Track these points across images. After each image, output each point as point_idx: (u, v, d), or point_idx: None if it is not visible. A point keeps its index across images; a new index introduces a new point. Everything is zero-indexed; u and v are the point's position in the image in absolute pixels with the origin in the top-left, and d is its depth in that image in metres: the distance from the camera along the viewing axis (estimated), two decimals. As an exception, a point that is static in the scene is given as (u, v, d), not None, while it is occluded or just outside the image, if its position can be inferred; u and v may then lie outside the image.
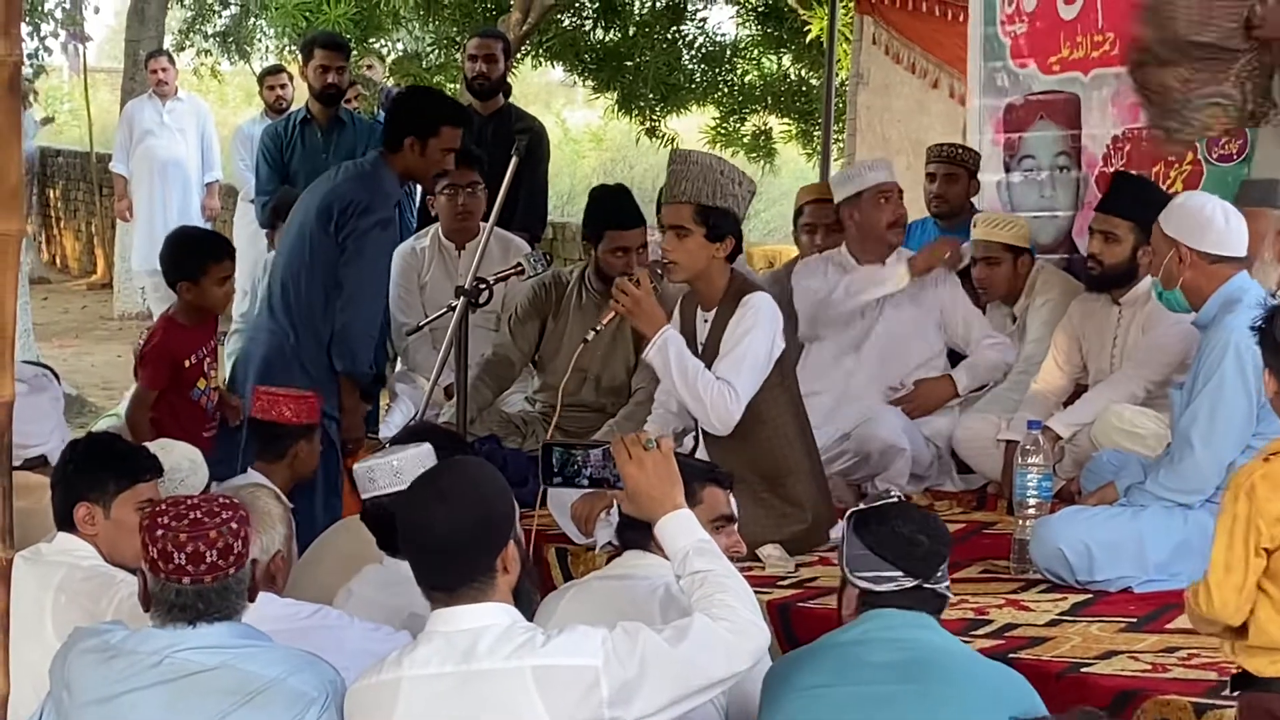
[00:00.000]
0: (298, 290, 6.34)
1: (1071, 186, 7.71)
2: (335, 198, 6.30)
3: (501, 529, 3.45)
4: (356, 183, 6.32)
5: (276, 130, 8.91)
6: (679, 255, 5.51)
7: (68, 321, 15.31)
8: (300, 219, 6.45)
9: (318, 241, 6.30)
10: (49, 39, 18.81)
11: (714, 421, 5.46)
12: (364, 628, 4.16)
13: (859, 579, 3.68)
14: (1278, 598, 3.71)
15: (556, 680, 3.29)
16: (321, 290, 6.30)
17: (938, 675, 3.54)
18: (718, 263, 5.52)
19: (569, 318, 6.79)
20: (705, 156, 5.71)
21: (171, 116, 14.06)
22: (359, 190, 6.27)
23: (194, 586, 3.48)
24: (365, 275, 6.23)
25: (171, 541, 3.47)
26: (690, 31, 13.00)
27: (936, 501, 6.47)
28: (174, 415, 6.25)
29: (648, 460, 3.69)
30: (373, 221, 6.22)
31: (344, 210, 6.23)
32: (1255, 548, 3.67)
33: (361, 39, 11.07)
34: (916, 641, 3.60)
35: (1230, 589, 3.70)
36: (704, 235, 5.46)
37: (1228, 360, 5.07)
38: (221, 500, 3.57)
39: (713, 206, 5.44)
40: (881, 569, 3.66)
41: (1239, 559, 3.69)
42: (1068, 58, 7.69)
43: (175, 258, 6.42)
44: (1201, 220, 5.27)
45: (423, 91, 6.52)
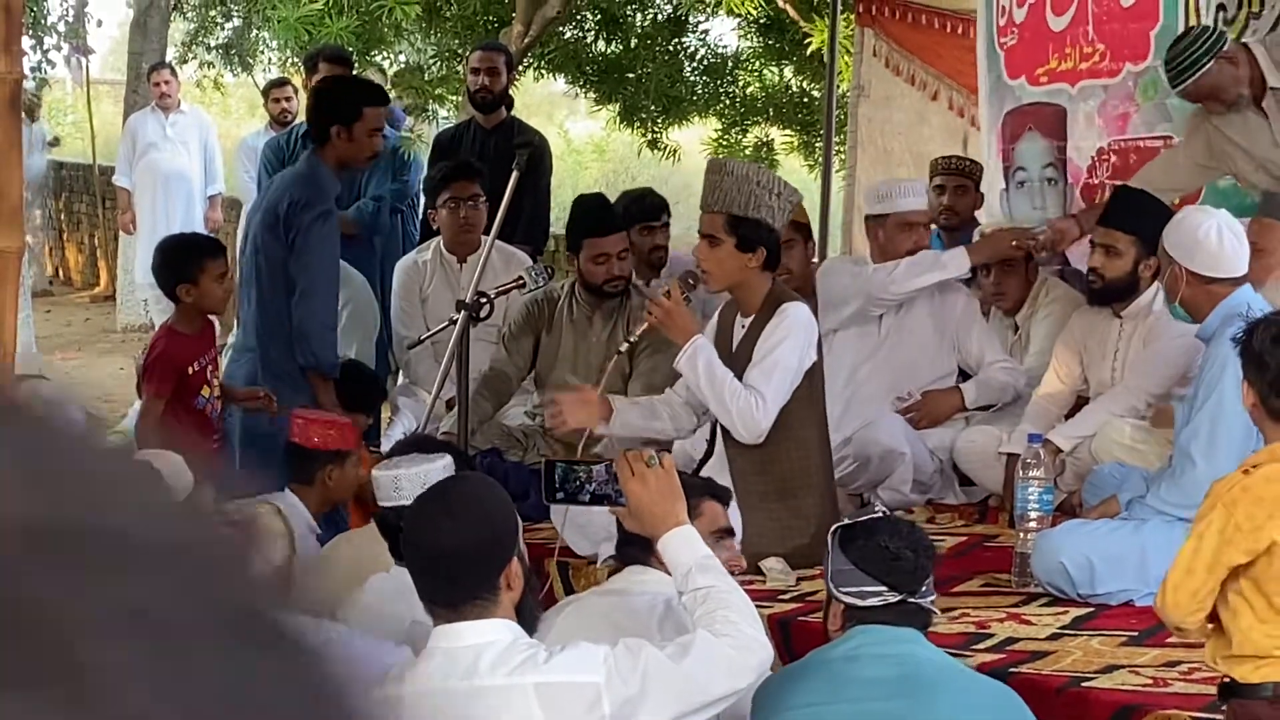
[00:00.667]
0: (261, 299, 6.44)
1: (1060, 198, 7.72)
2: (276, 200, 6.44)
3: (505, 545, 3.46)
4: (293, 181, 6.47)
5: (279, 143, 8.93)
6: (710, 264, 5.55)
7: (71, 334, 15.32)
8: (251, 232, 6.61)
9: (268, 247, 6.42)
10: (52, 52, 18.82)
11: (741, 431, 5.47)
12: (365, 643, 4.17)
13: (844, 594, 3.69)
14: (1259, 605, 3.75)
15: (559, 697, 3.30)
16: (282, 294, 6.41)
17: (930, 691, 3.54)
18: (753, 272, 5.53)
19: (562, 331, 6.82)
20: (742, 166, 5.73)
21: (174, 129, 14.08)
22: (296, 188, 6.39)
23: None
24: (315, 270, 6.34)
25: None
26: (692, 43, 13.01)
27: (938, 514, 6.47)
28: (180, 425, 6.27)
29: (650, 477, 3.70)
30: (314, 215, 6.33)
31: (287, 210, 6.35)
32: (1222, 561, 3.73)
33: (363, 52, 11.06)
34: (907, 657, 3.60)
35: (1185, 592, 3.78)
36: (735, 245, 5.47)
37: (1227, 375, 5.06)
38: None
39: (744, 217, 5.45)
40: (866, 584, 3.67)
41: (1202, 565, 3.76)
42: (1055, 69, 7.70)
43: (170, 262, 6.44)
44: (1194, 241, 5.30)
45: (338, 80, 6.63)
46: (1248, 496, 3.78)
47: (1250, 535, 3.74)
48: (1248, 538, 3.74)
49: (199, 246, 6.58)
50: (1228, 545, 3.73)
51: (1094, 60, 7.54)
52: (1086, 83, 7.56)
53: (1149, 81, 7.34)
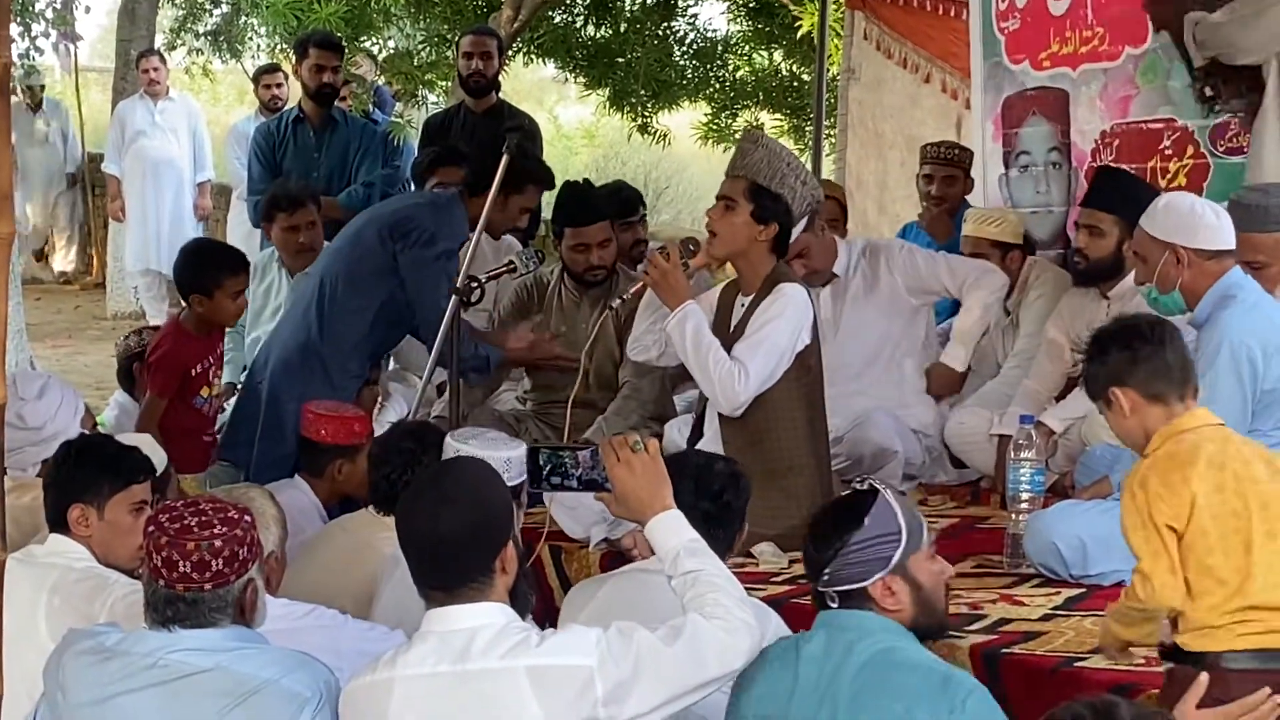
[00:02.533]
0: (334, 292, 6.43)
1: (1064, 182, 7.71)
2: (405, 218, 6.45)
3: (501, 530, 3.46)
4: (429, 210, 6.49)
5: (269, 128, 8.91)
6: (720, 227, 5.56)
7: (61, 322, 15.29)
8: (360, 227, 6.59)
9: (372, 251, 6.43)
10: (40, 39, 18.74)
11: (720, 399, 5.47)
12: (359, 627, 4.17)
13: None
14: (1206, 583, 3.79)
15: (550, 680, 3.30)
16: (360, 297, 6.42)
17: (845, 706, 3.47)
18: (759, 246, 5.53)
19: (553, 317, 6.82)
20: (778, 145, 5.75)
21: (163, 116, 14.04)
22: (428, 218, 6.41)
23: (166, 591, 3.49)
24: (434, 298, 6.21)
25: (153, 542, 3.49)
26: (681, 27, 12.99)
27: (930, 496, 6.48)
28: (178, 421, 6.29)
29: (635, 462, 3.70)
30: (437, 252, 6.35)
31: (408, 233, 6.36)
32: (1166, 528, 3.79)
33: (353, 37, 11.04)
34: (833, 659, 3.52)
35: (1164, 571, 3.79)
36: (750, 213, 5.49)
37: (1221, 357, 5.04)
38: (225, 514, 3.55)
39: (766, 188, 5.47)
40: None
41: (1159, 543, 3.80)
42: (1057, 53, 7.69)
43: (192, 269, 6.44)
44: (1194, 219, 5.24)
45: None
46: (1155, 470, 3.86)
47: (1171, 498, 3.81)
48: (1170, 502, 3.80)
49: (221, 261, 6.53)
50: (1161, 515, 3.80)
51: (1094, 44, 7.52)
52: (1087, 66, 7.54)
53: (1149, 64, 7.33)
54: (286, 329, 6.66)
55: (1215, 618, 3.79)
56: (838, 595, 3.59)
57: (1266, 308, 5.18)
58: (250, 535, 3.56)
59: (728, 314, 5.69)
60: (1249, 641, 3.79)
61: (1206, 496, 3.80)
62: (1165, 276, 5.22)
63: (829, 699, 3.45)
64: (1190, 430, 3.91)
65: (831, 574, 3.58)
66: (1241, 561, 3.78)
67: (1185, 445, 3.89)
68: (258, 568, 3.60)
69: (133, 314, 14.89)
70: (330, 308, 6.45)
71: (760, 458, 5.49)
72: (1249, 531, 3.80)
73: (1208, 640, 3.80)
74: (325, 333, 6.45)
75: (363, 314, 6.44)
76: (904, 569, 3.59)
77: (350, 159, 8.43)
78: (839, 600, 3.59)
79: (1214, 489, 3.81)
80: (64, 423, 5.11)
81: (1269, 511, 3.81)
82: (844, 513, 3.64)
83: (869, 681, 3.44)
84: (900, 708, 3.38)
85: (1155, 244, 5.23)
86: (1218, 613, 3.79)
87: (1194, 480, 3.81)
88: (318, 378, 6.39)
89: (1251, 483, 3.83)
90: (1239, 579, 3.78)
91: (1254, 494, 3.82)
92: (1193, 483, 3.81)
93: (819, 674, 3.50)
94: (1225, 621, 3.79)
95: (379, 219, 6.57)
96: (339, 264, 6.54)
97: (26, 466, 5.08)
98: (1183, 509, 3.80)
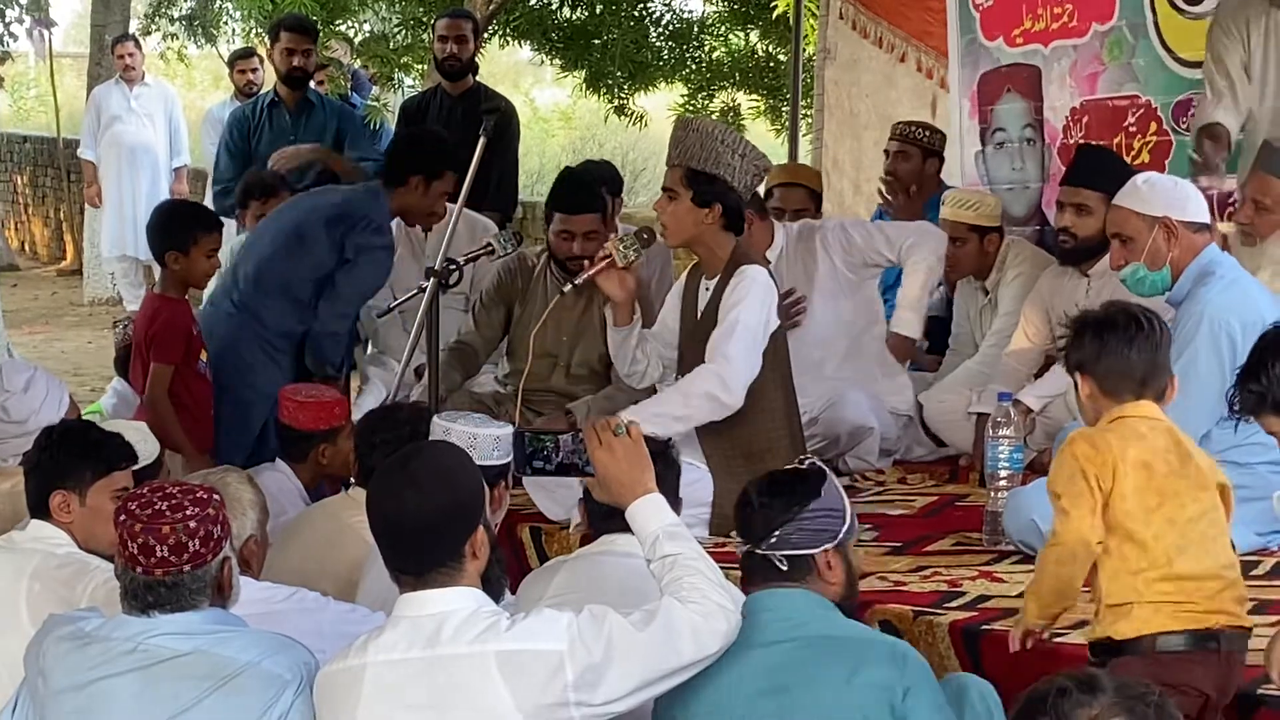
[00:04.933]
0: (271, 278, 6.43)
1: (1038, 158, 7.74)
2: (351, 208, 6.48)
3: (471, 514, 3.46)
4: (371, 201, 6.52)
5: (244, 113, 8.87)
6: (667, 218, 5.57)
7: (37, 308, 15.26)
8: (298, 216, 6.59)
9: (316, 241, 6.45)
10: (14, 25, 18.69)
11: (722, 413, 5.45)
12: (340, 609, 4.17)
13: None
14: (1130, 552, 3.90)
15: (520, 665, 3.29)
16: (306, 285, 6.45)
17: (786, 692, 3.52)
18: (710, 229, 5.52)
19: (537, 302, 6.78)
20: (709, 124, 5.73)
21: (139, 102, 14.02)
22: (374, 209, 6.47)
23: (145, 578, 3.49)
24: (358, 288, 6.47)
25: (127, 530, 3.49)
26: (657, 8, 12.97)
27: (909, 474, 6.50)
28: (188, 390, 6.27)
29: (618, 446, 3.70)
30: (382, 242, 6.45)
31: (357, 222, 6.41)
32: (1092, 480, 3.90)
33: (328, 21, 11.01)
34: (775, 643, 3.57)
35: (1085, 511, 3.90)
36: (691, 199, 5.48)
37: (1201, 333, 5.07)
38: (193, 495, 3.56)
39: (702, 171, 5.45)
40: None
41: (1083, 488, 3.91)
42: (1030, 29, 7.72)
43: (166, 227, 6.41)
44: (1180, 193, 5.28)
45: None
46: (1090, 436, 4.00)
47: (1099, 459, 3.92)
48: (1097, 463, 3.92)
49: (196, 218, 6.52)
50: (1087, 468, 3.92)
51: (1064, 20, 7.56)
52: (1058, 43, 7.58)
53: (1114, 41, 7.36)
54: (222, 318, 6.64)
55: (1140, 587, 3.88)
56: (786, 560, 3.65)
57: (1245, 284, 5.21)
58: (220, 514, 3.57)
59: (693, 299, 5.69)
60: (1180, 621, 3.86)
61: (1132, 470, 3.92)
62: (1156, 252, 5.24)
63: (780, 675, 3.52)
64: (1132, 416, 4.02)
65: (781, 537, 3.66)
66: (1162, 530, 3.90)
67: (1124, 424, 4.01)
68: (230, 545, 3.61)
69: (109, 300, 14.87)
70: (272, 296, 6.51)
71: (737, 440, 5.51)
72: (1172, 509, 3.92)
73: (1138, 623, 3.87)
74: (265, 319, 6.51)
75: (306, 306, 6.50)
76: (843, 547, 3.73)
77: (328, 141, 8.39)
78: (787, 565, 3.65)
79: (1140, 465, 3.93)
80: (49, 416, 5.08)
81: (1189, 497, 3.94)
82: (801, 482, 3.73)
83: (819, 653, 3.53)
84: (848, 670, 3.48)
85: (1143, 220, 5.24)
86: (1142, 581, 3.88)
87: (1124, 452, 3.93)
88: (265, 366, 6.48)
89: (1185, 469, 3.96)
90: (1160, 547, 3.88)
91: (1187, 479, 3.95)
92: (1122, 454, 3.92)
93: (767, 657, 3.55)
94: (1151, 596, 3.87)
95: (321, 210, 6.56)
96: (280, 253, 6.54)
97: (8, 457, 5.07)
98: (1108, 472, 3.91)
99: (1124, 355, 4.04)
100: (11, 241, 18.49)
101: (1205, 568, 3.91)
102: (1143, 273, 5.28)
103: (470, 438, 4.29)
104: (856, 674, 3.48)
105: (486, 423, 4.45)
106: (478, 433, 4.32)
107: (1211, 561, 3.93)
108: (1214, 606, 3.90)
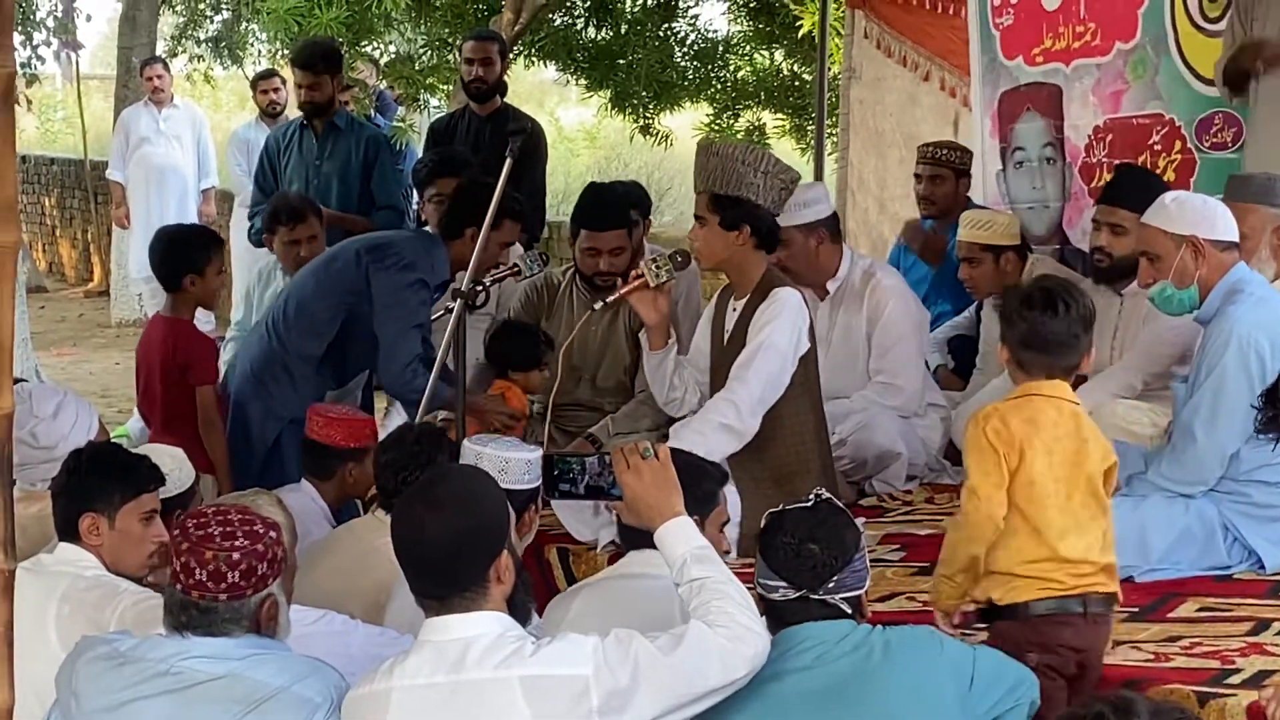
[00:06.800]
0: (300, 305, 6.50)
1: (1059, 177, 7.72)
2: (387, 242, 6.51)
3: (495, 538, 3.45)
4: (411, 242, 6.54)
5: (275, 139, 8.89)
6: (699, 243, 5.61)
7: (65, 330, 15.30)
8: (339, 248, 6.66)
9: (346, 268, 6.47)
10: (41, 47, 18.78)
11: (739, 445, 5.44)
12: (368, 631, 4.18)
13: (757, 584, 3.73)
14: (1022, 529, 4.16)
15: (545, 690, 3.29)
16: (323, 307, 6.47)
17: (854, 699, 3.56)
18: (742, 252, 5.53)
19: (563, 319, 6.80)
20: (729, 147, 5.72)
21: (167, 124, 14.07)
22: (409, 248, 6.44)
23: (182, 596, 3.50)
24: (401, 326, 6.33)
25: (175, 546, 3.51)
26: (682, 28, 12.98)
27: (936, 494, 6.47)
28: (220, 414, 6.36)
29: (645, 469, 3.70)
30: (411, 279, 6.35)
31: (386, 255, 6.39)
32: (1000, 457, 4.15)
33: (353, 42, 11.04)
34: (828, 660, 3.62)
35: (992, 487, 4.12)
36: (719, 224, 5.50)
37: (1230, 351, 5.07)
38: (250, 528, 3.55)
39: (725, 195, 5.47)
40: (769, 578, 3.70)
41: (992, 464, 4.15)
42: (1050, 49, 7.71)
43: (181, 252, 6.47)
44: (1208, 211, 5.28)
45: (485, 187, 6.66)
46: (1002, 412, 4.22)
47: (1008, 438, 4.15)
48: (1006, 441, 4.15)
49: (205, 240, 6.62)
50: (996, 444, 4.16)
51: (1086, 39, 7.54)
52: (1080, 61, 7.56)
53: (1137, 60, 7.35)
54: (254, 339, 6.73)
55: (1018, 566, 4.14)
56: (847, 602, 3.70)
57: (1274, 302, 5.21)
58: (273, 551, 3.55)
59: (722, 320, 5.69)
60: (1051, 593, 4.14)
61: (1036, 456, 4.15)
62: (1184, 270, 5.24)
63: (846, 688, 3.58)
64: (1044, 396, 4.23)
65: (838, 582, 3.67)
66: (1053, 517, 4.15)
67: (1034, 405, 4.22)
68: (279, 584, 3.59)
69: (137, 321, 14.88)
70: (297, 319, 6.51)
71: (766, 462, 5.50)
72: (1063, 495, 4.17)
73: (1015, 593, 4.15)
74: (288, 345, 6.52)
75: (325, 328, 6.50)
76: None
77: (355, 165, 8.41)
78: (850, 608, 3.71)
79: (1044, 452, 4.16)
80: (77, 441, 5.07)
81: (1078, 485, 4.19)
82: (847, 528, 3.75)
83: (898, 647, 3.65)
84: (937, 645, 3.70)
85: (1170, 239, 5.25)
86: (1020, 561, 4.14)
87: (1030, 438, 4.16)
88: (283, 387, 6.49)
89: (1081, 457, 4.20)
90: (1050, 532, 4.14)
91: (1080, 467, 4.20)
92: (1028, 439, 4.16)
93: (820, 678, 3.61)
94: (1027, 573, 4.15)
95: (359, 240, 6.65)
96: (310, 279, 6.60)
97: (36, 482, 5.07)
98: (1015, 452, 4.15)
99: (1038, 332, 4.23)
100: (39, 263, 18.54)
101: (1082, 552, 4.18)
102: (1170, 291, 5.27)
103: (502, 462, 4.30)
104: (944, 648, 3.68)
105: (517, 446, 4.45)
106: (510, 457, 4.32)
107: (1087, 546, 4.19)
108: (1084, 583, 4.18)
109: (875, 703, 3.56)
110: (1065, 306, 4.23)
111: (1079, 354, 4.28)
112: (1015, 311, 4.27)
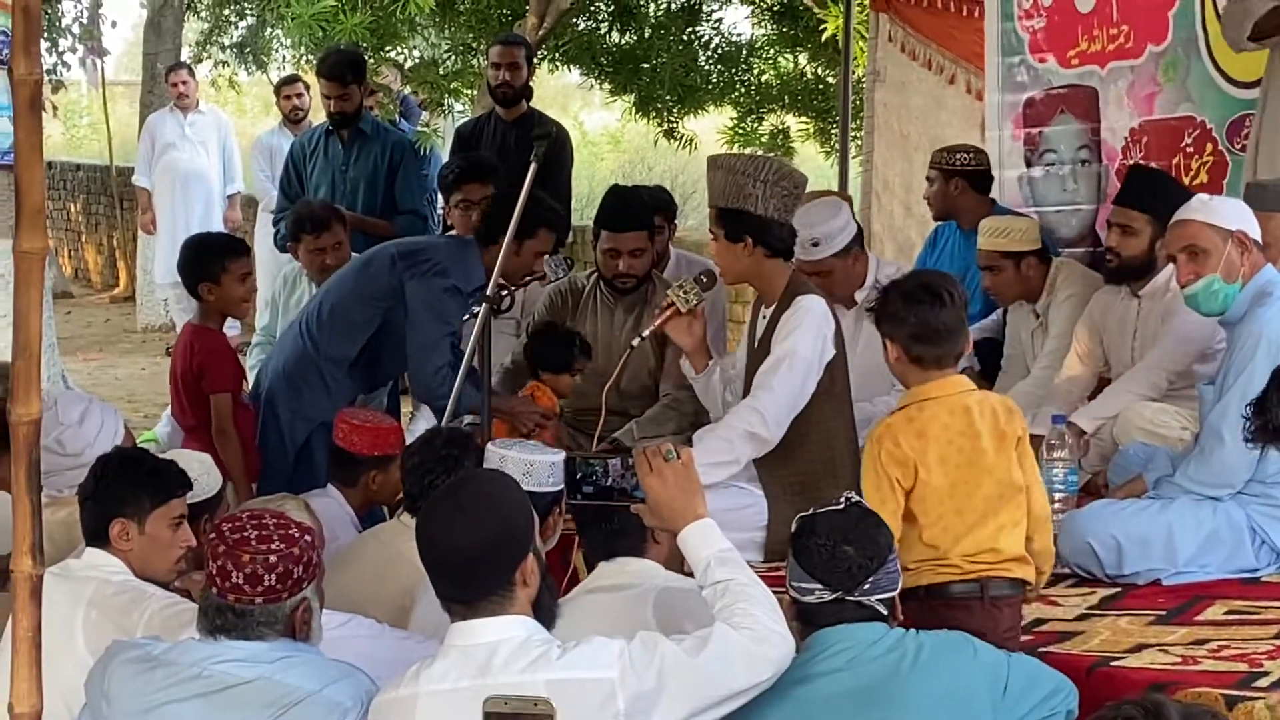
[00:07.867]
0: (334, 308, 6.48)
1: (1093, 180, 7.71)
2: (422, 248, 6.50)
3: (520, 542, 3.45)
4: (446, 248, 6.53)
5: (301, 145, 8.91)
6: (717, 259, 5.65)
7: (91, 335, 15.35)
8: (374, 252, 6.64)
9: (380, 272, 6.46)
10: (67, 54, 18.85)
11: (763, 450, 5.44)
12: (395, 635, 4.18)
13: (790, 588, 3.72)
14: (910, 531, 4.29)
15: (570, 693, 3.28)
16: (357, 308, 6.46)
17: (888, 700, 3.56)
18: (755, 262, 5.51)
19: (587, 322, 6.81)
20: (731, 160, 5.72)
21: (193, 129, 14.10)
22: (443, 254, 6.42)
23: (218, 600, 3.52)
24: (433, 332, 6.29)
25: (211, 550, 3.53)
26: (706, 32, 12.99)
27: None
28: (241, 423, 6.34)
29: (668, 471, 3.70)
30: (445, 285, 6.31)
31: (420, 261, 6.37)
32: (893, 482, 4.26)
33: (378, 47, 11.06)
34: (860, 662, 3.62)
35: (888, 514, 4.10)
36: (724, 237, 5.50)
37: (1259, 353, 5.05)
38: (285, 532, 3.57)
39: (727, 209, 5.47)
40: (803, 580, 3.70)
41: (887, 490, 4.26)
42: (1085, 51, 7.70)
43: (196, 260, 6.48)
44: (1245, 211, 5.31)
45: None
46: (894, 430, 4.30)
47: (900, 457, 4.26)
48: (899, 460, 4.26)
49: (222, 246, 6.62)
50: (889, 472, 4.26)
51: (1120, 41, 7.54)
52: (1115, 63, 7.55)
53: (1169, 62, 7.34)
54: (287, 340, 6.74)
55: (921, 559, 4.28)
56: (882, 604, 3.72)
57: (1303, 305, 5.19)
58: (309, 556, 3.57)
59: (753, 328, 5.69)
60: (944, 576, 4.29)
61: (930, 471, 4.26)
62: (1232, 264, 5.24)
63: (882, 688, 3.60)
64: (934, 399, 4.30)
65: (873, 584, 3.68)
66: (951, 522, 4.26)
67: (925, 414, 4.29)
68: (313, 589, 3.60)
69: (163, 327, 14.94)
70: (330, 322, 6.51)
71: (794, 468, 5.49)
72: (960, 499, 4.26)
73: (912, 578, 4.17)
74: (321, 348, 6.52)
75: (358, 331, 6.49)
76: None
77: (381, 170, 8.43)
78: (885, 609, 3.73)
79: (939, 462, 4.26)
80: (103, 447, 5.07)
81: (975, 483, 4.26)
82: (878, 529, 3.77)
83: (934, 651, 3.66)
84: (971, 650, 3.71)
85: (1218, 233, 5.24)
86: (913, 560, 4.24)
87: (923, 454, 4.26)
88: (315, 390, 6.48)
89: (976, 454, 4.27)
90: (946, 538, 4.27)
91: (976, 465, 4.26)
92: (922, 456, 4.26)
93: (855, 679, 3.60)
94: (929, 567, 4.28)
95: (395, 244, 6.65)
96: (344, 282, 6.60)
97: (62, 489, 5.08)
98: (910, 472, 4.26)
99: (929, 324, 4.30)
100: (65, 269, 18.61)
101: (981, 546, 4.27)
102: (1218, 285, 5.24)
103: (526, 465, 4.30)
104: (978, 654, 3.69)
105: (541, 449, 4.46)
106: (534, 459, 4.32)
107: (988, 538, 4.27)
108: (983, 569, 4.28)
109: (907, 707, 3.55)
110: (949, 295, 4.34)
111: (966, 339, 4.41)
112: (902, 310, 4.33)
